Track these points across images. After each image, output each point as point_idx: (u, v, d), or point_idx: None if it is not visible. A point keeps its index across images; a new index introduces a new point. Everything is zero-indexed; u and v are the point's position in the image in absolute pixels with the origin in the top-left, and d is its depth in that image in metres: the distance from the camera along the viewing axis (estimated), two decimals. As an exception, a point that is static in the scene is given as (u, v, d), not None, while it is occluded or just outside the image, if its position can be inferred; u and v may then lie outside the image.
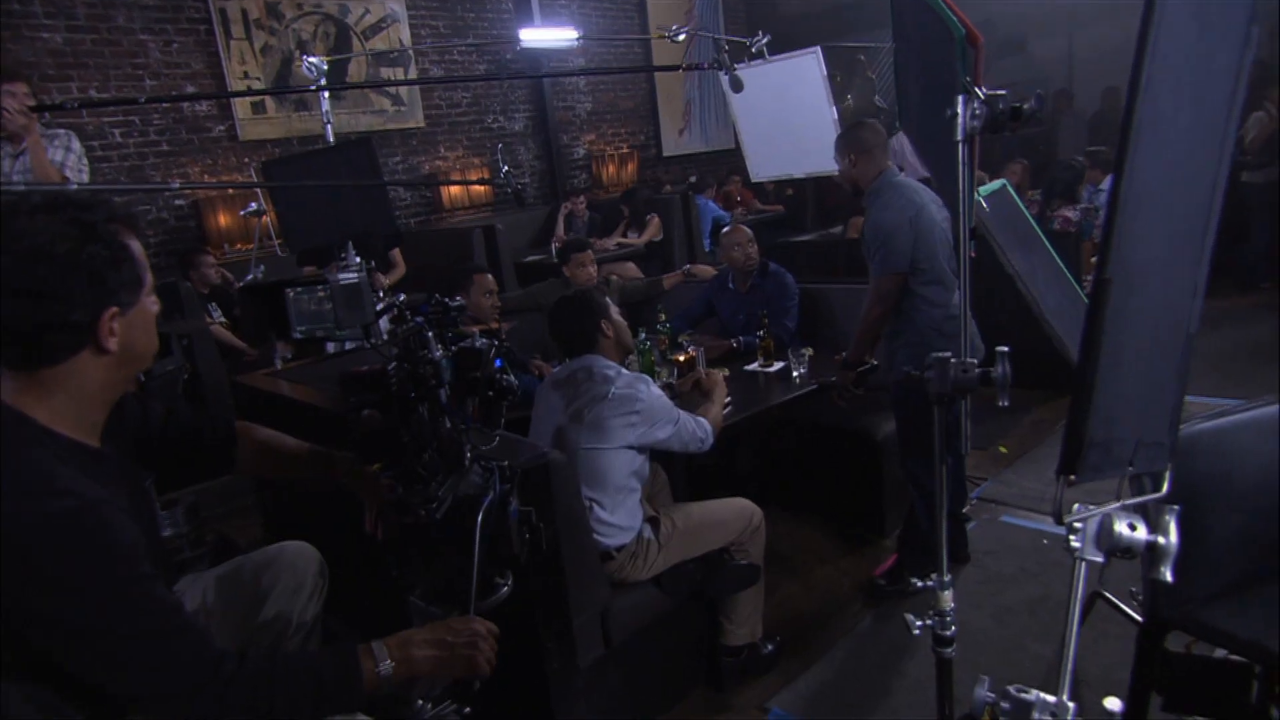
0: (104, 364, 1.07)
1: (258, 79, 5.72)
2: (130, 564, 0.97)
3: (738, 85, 3.10)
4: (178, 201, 5.46)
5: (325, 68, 3.20)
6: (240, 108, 5.67)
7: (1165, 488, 1.07)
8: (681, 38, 3.40)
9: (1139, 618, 1.67)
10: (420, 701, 1.25)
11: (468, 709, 1.29)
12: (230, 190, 5.55)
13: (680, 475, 2.60)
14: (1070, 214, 4.92)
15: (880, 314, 2.37)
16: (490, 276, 3.34)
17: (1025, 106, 1.25)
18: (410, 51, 6.52)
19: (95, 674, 0.97)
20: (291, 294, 1.34)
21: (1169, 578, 0.99)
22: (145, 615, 0.98)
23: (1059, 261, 4.16)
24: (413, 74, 6.59)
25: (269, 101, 5.80)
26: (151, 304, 1.12)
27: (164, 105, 5.38)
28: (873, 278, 2.36)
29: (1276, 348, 3.99)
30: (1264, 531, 1.63)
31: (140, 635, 0.97)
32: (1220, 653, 1.60)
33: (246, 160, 5.70)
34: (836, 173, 2.50)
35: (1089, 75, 7.34)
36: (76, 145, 3.01)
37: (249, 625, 1.47)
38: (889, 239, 2.30)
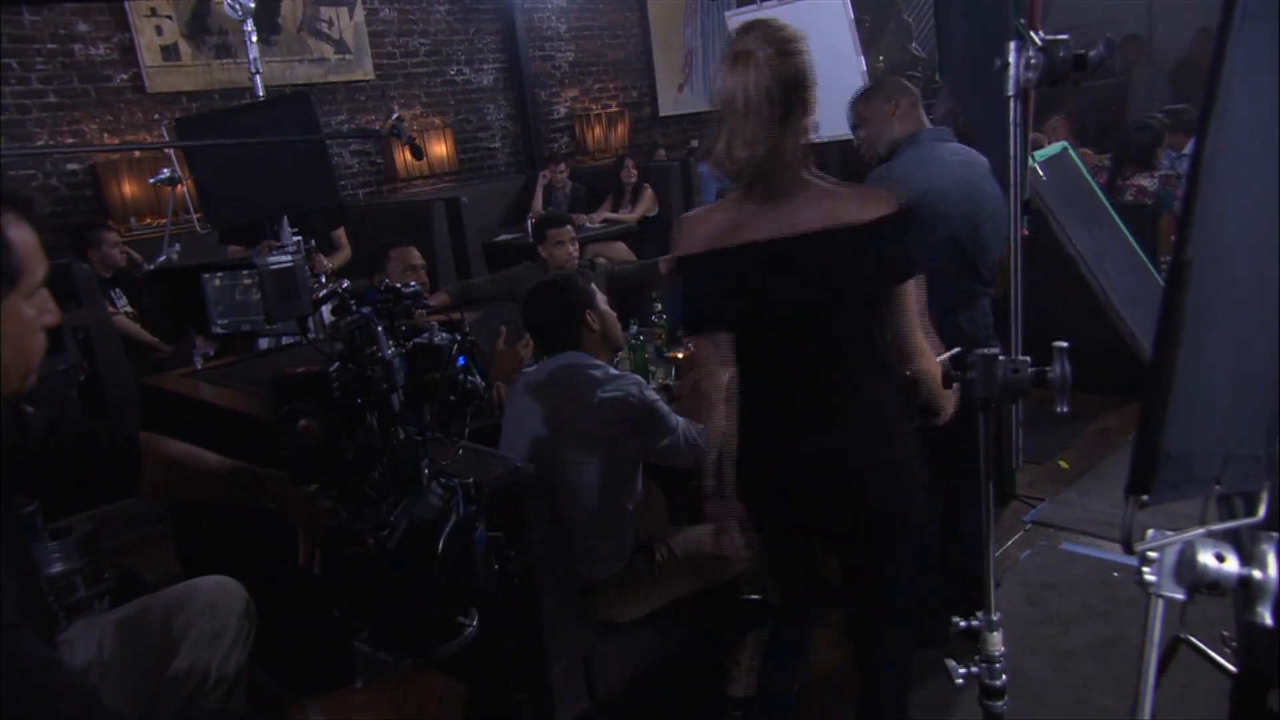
0: None
1: (168, 17, 5.67)
2: None
3: None
4: (71, 166, 5.39)
5: (252, 5, 3.19)
6: (148, 54, 5.62)
7: (1262, 511, 1.06)
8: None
9: (1233, 668, 1.67)
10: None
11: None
12: (136, 153, 5.49)
13: (679, 494, 2.60)
14: (1146, 183, 4.91)
15: None
16: (414, 250, 3.34)
17: (1091, 54, 1.25)
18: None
19: None
20: (211, 280, 1.33)
21: (1268, 620, 0.98)
22: (8, 676, 0.94)
23: (1132, 240, 4.17)
24: (359, 15, 6.57)
25: (183, 48, 5.76)
26: (28, 308, 1.07)
27: (50, 47, 5.26)
28: None
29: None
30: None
31: (3, 702, 0.95)
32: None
33: (157, 117, 5.65)
34: (858, 131, 2.45)
35: (1174, 14, 7.26)
36: None
37: (156, 680, 1.46)
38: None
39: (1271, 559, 0.99)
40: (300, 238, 2.88)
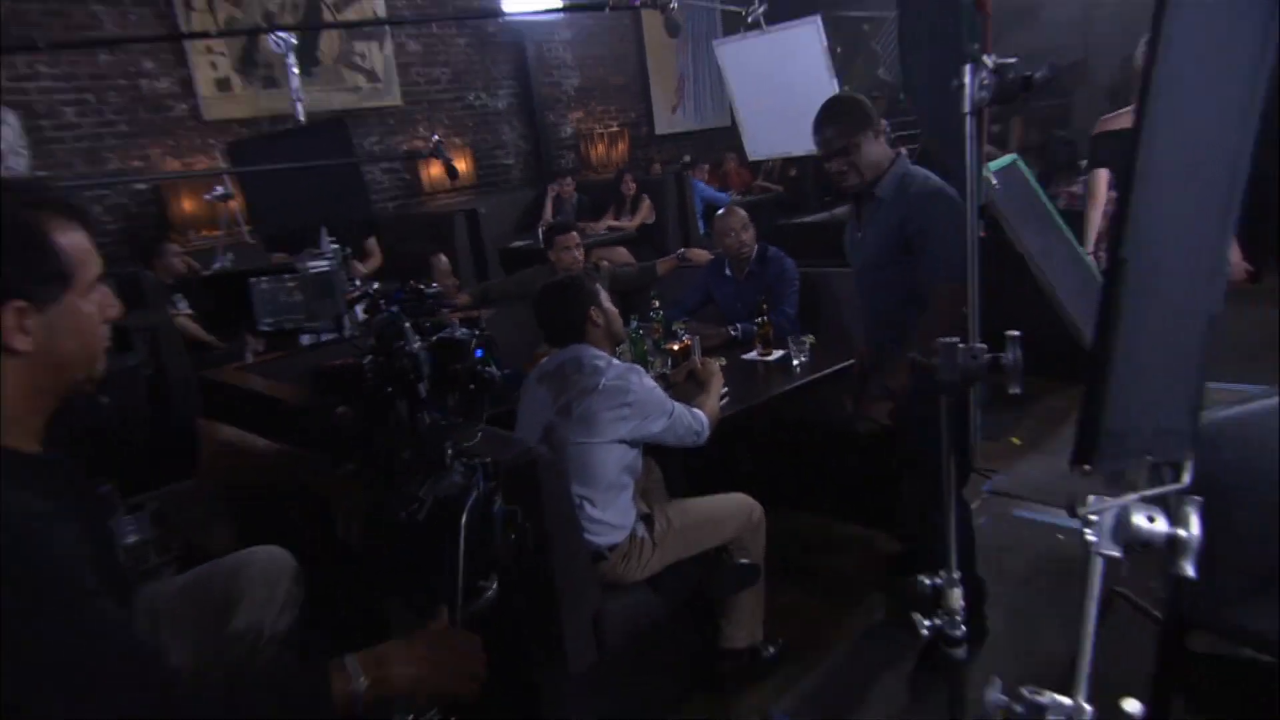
0: (20, 367, 1.01)
1: (222, 54, 5.67)
2: (66, 581, 0.94)
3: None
4: (139, 186, 5.40)
5: (295, 42, 3.17)
6: (204, 86, 5.62)
7: (1186, 478, 1.06)
8: (674, 7, 3.38)
9: (1160, 616, 1.67)
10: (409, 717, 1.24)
11: (452, 716, 1.28)
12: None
13: (676, 470, 2.60)
14: (1076, 189, 4.97)
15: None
16: (444, 258, 3.39)
17: (1036, 75, 1.24)
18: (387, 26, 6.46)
19: (31, 699, 0.93)
20: (258, 283, 1.32)
21: (1191, 573, 0.99)
22: (83, 635, 0.94)
23: (1073, 241, 4.16)
24: (389, 48, 6.54)
25: (234, 80, 5.75)
26: (89, 304, 1.06)
27: (121, 83, 5.30)
28: (945, 284, 1.99)
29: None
30: (1290, 524, 1.64)
31: (78, 657, 0.93)
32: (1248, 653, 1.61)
33: (212, 141, 5.65)
34: (838, 159, 2.10)
35: (1107, 43, 7.28)
36: (15, 120, 3.01)
37: (218, 637, 1.46)
38: (956, 234, 2.04)
39: (1194, 519, 0.99)
40: (337, 245, 2.87)
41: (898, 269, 2.12)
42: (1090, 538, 1.04)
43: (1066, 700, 1.03)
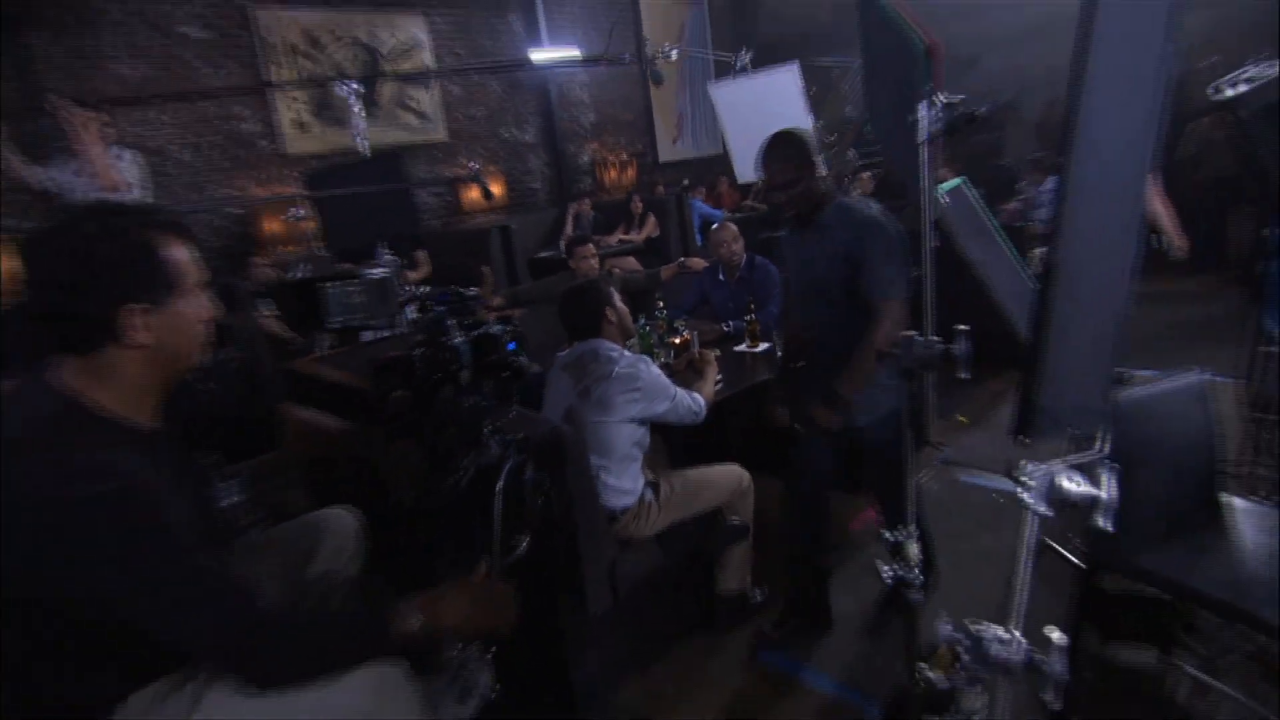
0: (139, 357, 1.03)
1: (300, 101, 5.70)
2: (173, 536, 0.96)
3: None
4: (233, 210, 5.49)
5: (358, 89, 3.17)
6: (286, 127, 5.64)
7: (1104, 447, 1.06)
8: (674, 55, 3.36)
9: (1079, 562, 1.67)
10: (455, 650, 1.25)
11: (492, 649, 1.29)
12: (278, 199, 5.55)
13: (678, 444, 2.59)
14: (1013, 206, 4.94)
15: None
16: (486, 268, 3.42)
17: (981, 111, 1.23)
18: (433, 75, 6.44)
19: (147, 630, 0.97)
20: (328, 289, 1.32)
21: (1107, 527, 0.98)
22: (189, 581, 0.97)
23: (1009, 252, 4.14)
24: (435, 94, 6.52)
25: (310, 121, 5.76)
26: (191, 307, 1.07)
27: (219, 126, 5.36)
28: (885, 300, 1.83)
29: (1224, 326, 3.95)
30: (1183, 485, 1.64)
31: (185, 599, 0.96)
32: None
33: (291, 173, 5.67)
34: (782, 190, 1.90)
35: (1034, 86, 7.26)
36: (139, 159, 3.08)
37: (299, 581, 1.47)
38: (902, 253, 1.84)
39: (1110, 482, 0.99)
40: (393, 257, 2.88)
41: (842, 287, 1.93)
42: (1025, 498, 1.04)
43: (1003, 631, 1.03)
